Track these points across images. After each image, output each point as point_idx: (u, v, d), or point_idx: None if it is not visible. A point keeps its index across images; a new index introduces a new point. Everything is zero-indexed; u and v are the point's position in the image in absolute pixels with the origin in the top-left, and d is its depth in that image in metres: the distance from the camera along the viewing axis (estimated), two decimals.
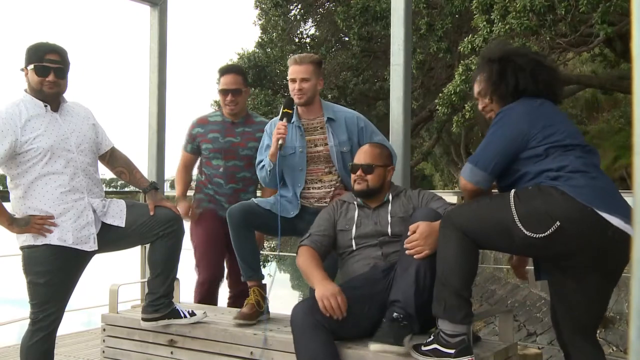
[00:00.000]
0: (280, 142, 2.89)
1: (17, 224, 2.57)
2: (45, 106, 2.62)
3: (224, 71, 3.53)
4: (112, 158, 2.91)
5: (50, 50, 2.60)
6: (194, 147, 3.56)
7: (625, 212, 2.04)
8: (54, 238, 2.57)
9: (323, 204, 3.02)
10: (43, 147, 2.55)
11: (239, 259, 2.95)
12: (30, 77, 2.60)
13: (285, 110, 2.99)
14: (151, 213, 2.76)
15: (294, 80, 3.03)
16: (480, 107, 2.45)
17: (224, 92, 3.48)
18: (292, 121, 3.00)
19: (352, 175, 2.77)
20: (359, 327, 2.46)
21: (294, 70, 3.03)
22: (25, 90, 2.65)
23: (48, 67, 2.58)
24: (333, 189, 3.05)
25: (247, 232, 2.90)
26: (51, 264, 2.58)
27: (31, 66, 2.58)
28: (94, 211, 2.68)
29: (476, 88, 2.46)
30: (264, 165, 3.03)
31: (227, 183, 3.46)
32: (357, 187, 2.74)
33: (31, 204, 2.58)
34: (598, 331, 2.40)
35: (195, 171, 3.73)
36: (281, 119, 2.97)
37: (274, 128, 3.03)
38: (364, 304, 2.46)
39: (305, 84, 3.01)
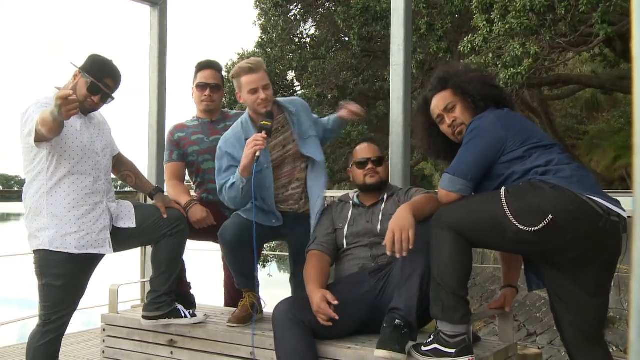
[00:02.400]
0: (257, 154, 2.63)
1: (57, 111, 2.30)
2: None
3: (204, 66, 3.31)
4: (119, 163, 2.96)
5: (110, 75, 2.66)
6: (180, 154, 3.28)
7: (611, 200, 2.09)
8: (71, 247, 2.58)
9: (300, 204, 2.94)
10: (77, 145, 2.60)
11: (234, 272, 2.93)
12: (80, 86, 2.63)
13: (265, 122, 2.72)
14: (165, 216, 2.80)
15: (255, 91, 2.78)
16: (448, 122, 2.44)
17: (202, 86, 3.28)
18: (269, 137, 2.76)
19: (360, 171, 2.77)
20: (341, 328, 2.49)
21: (252, 79, 2.78)
22: (57, 88, 2.66)
23: (100, 89, 2.63)
24: (300, 189, 2.93)
25: (241, 248, 2.83)
26: (69, 267, 2.59)
27: (88, 78, 2.61)
28: (110, 215, 2.73)
29: (440, 105, 2.45)
30: (233, 183, 2.75)
31: None
32: (370, 180, 2.75)
33: (54, 200, 2.59)
34: None
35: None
36: (259, 131, 2.71)
37: (230, 146, 2.83)
38: (347, 307, 2.48)
39: (269, 91, 2.82)
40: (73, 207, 2.60)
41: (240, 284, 2.97)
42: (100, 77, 2.63)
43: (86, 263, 2.65)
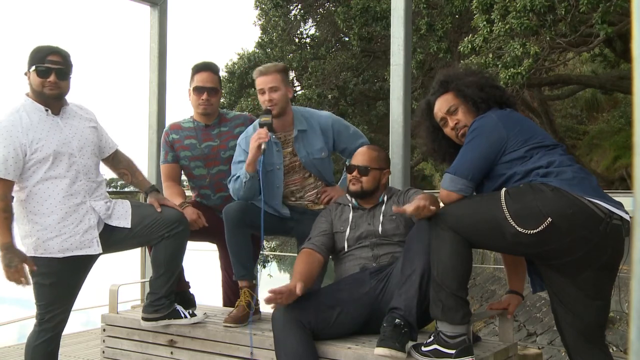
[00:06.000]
0: (263, 146, 2.76)
1: (8, 258, 2.47)
2: (46, 110, 2.61)
3: (200, 68, 3.24)
4: (116, 160, 2.92)
5: (51, 52, 2.59)
6: (174, 156, 3.27)
7: (614, 203, 2.08)
8: (54, 251, 2.57)
9: (309, 202, 3.07)
10: (46, 152, 2.55)
11: (233, 257, 2.94)
12: (32, 78, 2.59)
13: (264, 119, 2.87)
14: (158, 210, 2.76)
15: (262, 92, 2.95)
16: (451, 125, 2.44)
17: (199, 89, 3.20)
18: (272, 132, 2.89)
19: (348, 175, 2.80)
20: (341, 328, 2.50)
21: (261, 81, 2.95)
22: (27, 95, 2.64)
23: (49, 68, 2.56)
24: (315, 190, 3.09)
25: (243, 231, 2.89)
26: (56, 267, 2.58)
27: (33, 68, 2.56)
28: (97, 214, 2.68)
29: (443, 108, 2.46)
30: (238, 177, 2.91)
31: (215, 193, 3.27)
32: (351, 187, 2.77)
33: (32, 207, 2.57)
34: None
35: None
36: (260, 127, 2.85)
37: (249, 142, 2.92)
38: (347, 307, 2.50)
39: (275, 94, 2.92)
40: (52, 212, 2.57)
41: (237, 274, 2.95)
42: (42, 59, 2.56)
43: (75, 264, 2.62)
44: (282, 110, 2.96)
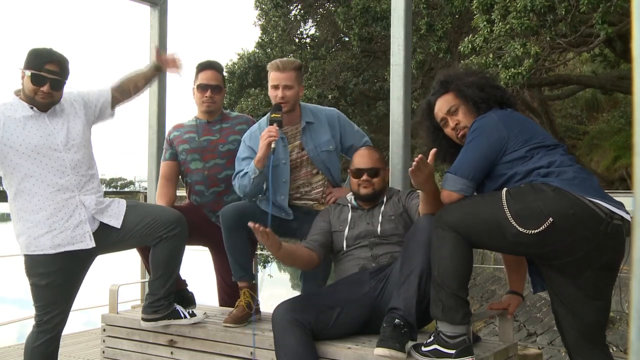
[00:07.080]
0: (273, 145, 2.75)
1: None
2: (31, 107, 2.60)
3: (204, 66, 3.28)
4: (119, 91, 2.87)
5: (50, 60, 2.56)
6: (172, 153, 3.32)
7: (615, 203, 2.08)
8: (46, 247, 2.55)
9: (314, 202, 3.05)
10: (26, 147, 2.54)
11: (231, 259, 2.94)
12: (26, 82, 2.57)
13: (274, 115, 2.87)
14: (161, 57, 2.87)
15: (276, 87, 2.94)
16: (451, 125, 2.44)
17: (202, 87, 3.24)
18: (281, 129, 2.89)
19: (355, 180, 2.77)
20: (341, 328, 2.50)
21: (276, 76, 2.94)
22: (16, 93, 2.64)
23: (45, 78, 2.54)
24: (322, 188, 3.08)
25: (240, 232, 2.88)
26: (51, 266, 2.57)
27: (28, 72, 2.54)
28: (88, 208, 2.64)
29: (443, 108, 2.46)
30: (246, 173, 2.89)
31: (209, 187, 3.25)
32: (363, 191, 2.75)
33: (21, 205, 2.56)
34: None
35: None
36: (271, 124, 2.86)
37: (254, 139, 2.93)
38: (347, 307, 2.50)
39: (289, 92, 2.93)
40: (40, 208, 2.56)
41: (236, 275, 2.96)
42: (40, 66, 2.54)
43: (70, 262, 2.61)
44: (292, 107, 2.98)
